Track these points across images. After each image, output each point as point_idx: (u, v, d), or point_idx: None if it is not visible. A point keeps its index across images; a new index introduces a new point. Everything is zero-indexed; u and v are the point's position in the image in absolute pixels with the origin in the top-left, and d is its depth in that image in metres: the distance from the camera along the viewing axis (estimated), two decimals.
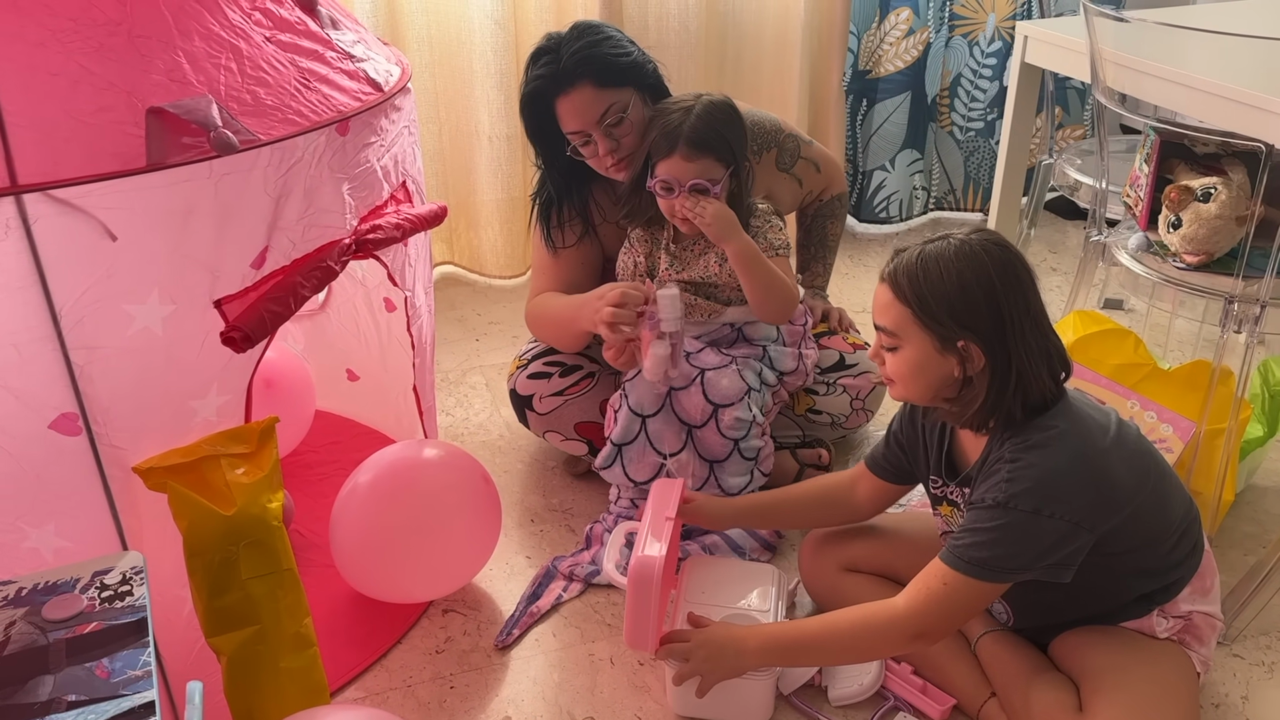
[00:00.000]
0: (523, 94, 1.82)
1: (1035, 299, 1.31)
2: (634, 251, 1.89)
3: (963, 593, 1.30)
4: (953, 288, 1.28)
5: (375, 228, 1.43)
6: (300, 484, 1.94)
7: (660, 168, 1.74)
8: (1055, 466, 1.27)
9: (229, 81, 1.25)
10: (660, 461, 1.81)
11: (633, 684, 1.57)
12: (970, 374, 1.31)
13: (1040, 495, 1.26)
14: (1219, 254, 1.73)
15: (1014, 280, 1.29)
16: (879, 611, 1.35)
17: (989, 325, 1.28)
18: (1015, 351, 1.28)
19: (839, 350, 2.02)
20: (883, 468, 1.58)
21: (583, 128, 1.78)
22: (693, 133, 1.71)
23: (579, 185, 1.92)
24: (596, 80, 1.74)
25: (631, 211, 1.86)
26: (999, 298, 1.27)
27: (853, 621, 1.36)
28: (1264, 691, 1.55)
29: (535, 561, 1.83)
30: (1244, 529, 1.88)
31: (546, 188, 1.94)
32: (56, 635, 0.99)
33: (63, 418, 1.17)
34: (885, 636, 1.35)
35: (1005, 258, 1.29)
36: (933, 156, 3.19)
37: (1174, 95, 1.77)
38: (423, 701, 1.54)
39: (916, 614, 1.31)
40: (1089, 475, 1.28)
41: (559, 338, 1.94)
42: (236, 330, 1.24)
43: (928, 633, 1.33)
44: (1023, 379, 1.29)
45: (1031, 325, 1.29)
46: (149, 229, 1.15)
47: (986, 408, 1.31)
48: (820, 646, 1.39)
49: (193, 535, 1.23)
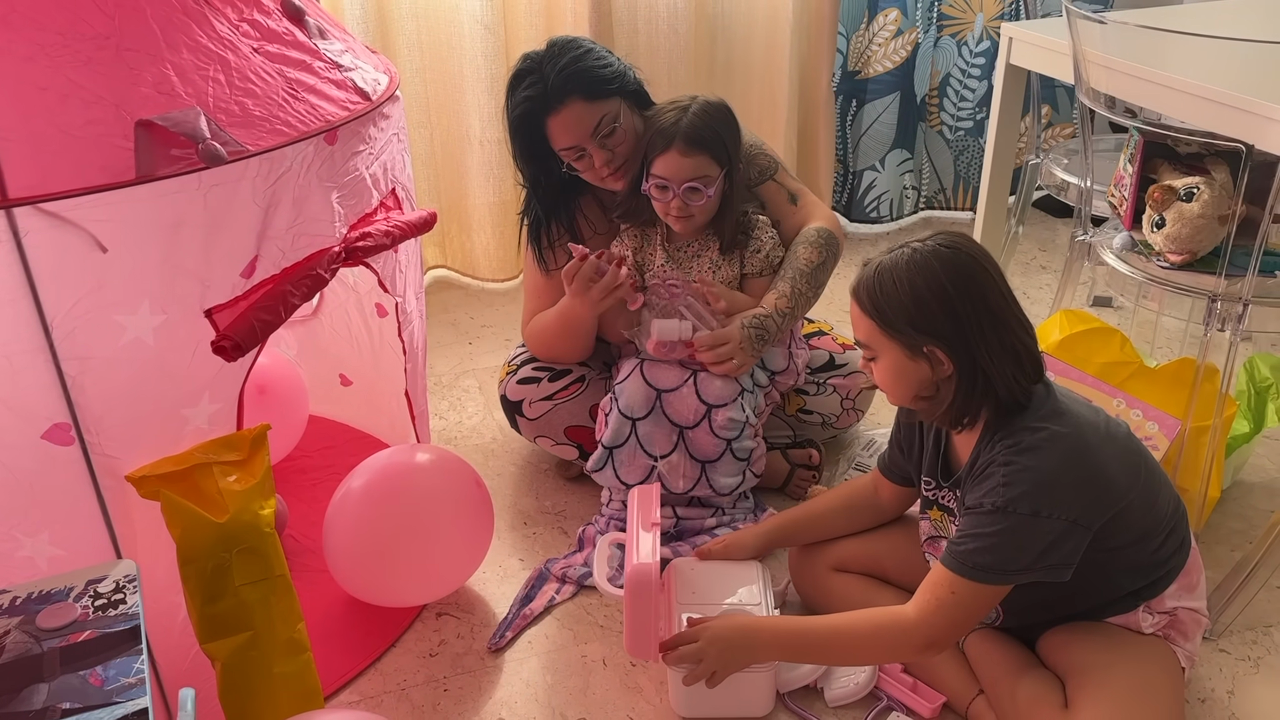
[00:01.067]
0: (512, 118, 1.83)
1: (995, 296, 1.32)
2: (623, 245, 1.91)
3: (970, 599, 1.32)
4: (906, 297, 1.31)
5: (365, 235, 1.45)
6: (293, 489, 1.95)
7: (657, 164, 1.76)
8: (1050, 468, 1.29)
9: (217, 93, 1.26)
10: (651, 464, 1.82)
11: (625, 685, 1.58)
12: (940, 377, 1.34)
13: (1038, 498, 1.28)
14: (1202, 253, 1.75)
15: (968, 281, 1.31)
16: (892, 620, 1.36)
17: (948, 329, 1.31)
18: (978, 351, 1.31)
19: (829, 350, 2.04)
20: (891, 471, 1.61)
21: (576, 143, 1.79)
22: (690, 130, 1.73)
23: (567, 202, 1.94)
24: (585, 94, 1.76)
25: (626, 213, 1.87)
26: (953, 302, 1.30)
27: (865, 627, 1.38)
28: (1249, 686, 1.57)
29: (528, 564, 1.84)
30: (1230, 525, 1.90)
31: (534, 207, 1.95)
32: (50, 644, 1.00)
33: (55, 428, 1.19)
34: (898, 645, 1.37)
35: (958, 260, 1.31)
36: (923, 156, 3.20)
37: (1156, 96, 1.78)
38: (417, 705, 1.55)
39: (927, 624, 1.33)
40: (1083, 473, 1.30)
41: (564, 346, 1.94)
42: (227, 339, 1.25)
43: (938, 641, 1.35)
44: (988, 377, 1.32)
45: (991, 323, 1.31)
46: (139, 240, 1.16)
47: (956, 406, 1.35)
48: (832, 646, 1.41)
49: (186, 543, 1.24)
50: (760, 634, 1.42)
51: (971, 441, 1.39)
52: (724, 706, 1.49)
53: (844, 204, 3.22)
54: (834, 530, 1.66)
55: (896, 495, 1.63)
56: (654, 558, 1.44)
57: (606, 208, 1.94)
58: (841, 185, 3.19)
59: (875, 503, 1.65)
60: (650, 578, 1.42)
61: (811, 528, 1.68)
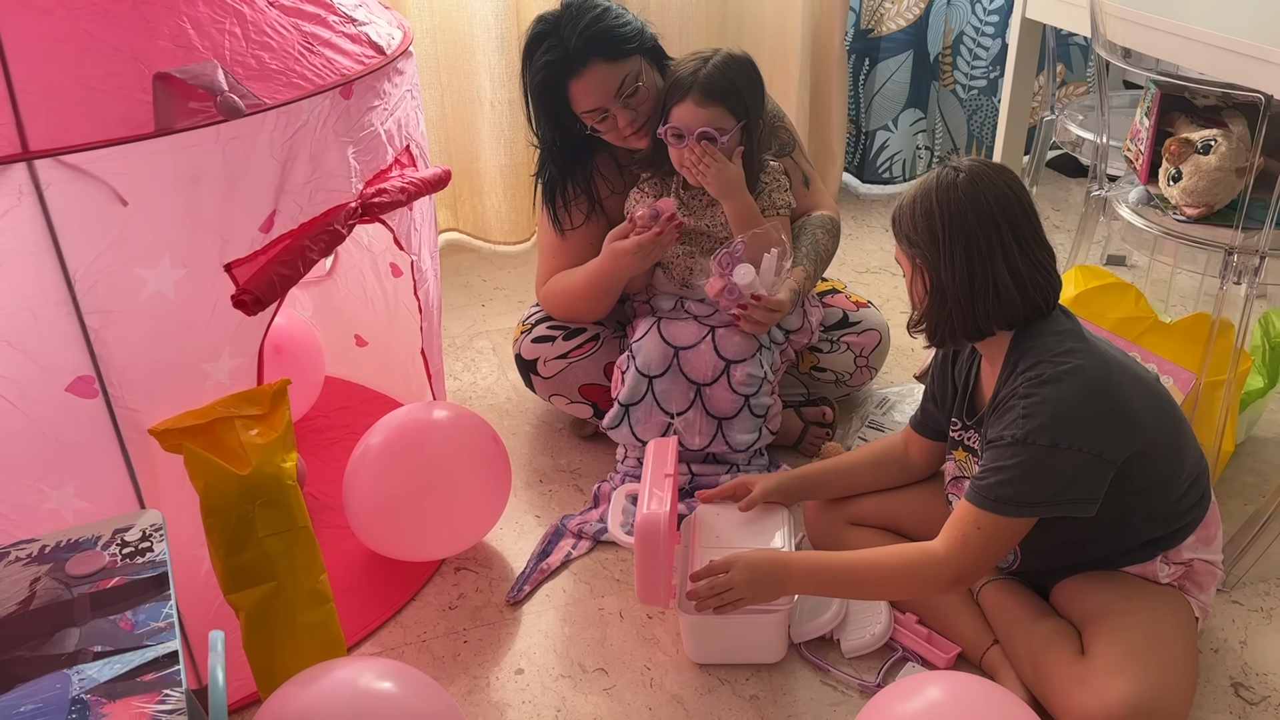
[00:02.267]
0: (532, 84, 1.83)
1: (1015, 218, 1.33)
2: (644, 194, 1.90)
3: (995, 533, 1.34)
4: (908, 206, 1.38)
5: (380, 191, 1.45)
6: (312, 448, 1.97)
7: (674, 113, 1.75)
8: (1070, 399, 1.30)
9: (234, 46, 1.26)
10: (668, 420, 1.83)
11: (642, 636, 1.60)
12: (927, 288, 1.38)
13: (1057, 429, 1.29)
14: (1219, 206, 1.74)
15: (987, 203, 1.32)
16: (921, 555, 1.39)
17: (927, 244, 1.35)
18: (944, 273, 1.35)
19: (843, 309, 2.04)
20: (923, 425, 1.62)
21: (600, 104, 1.79)
22: (707, 80, 1.73)
23: (583, 162, 1.93)
24: (607, 56, 1.75)
25: (646, 162, 1.87)
26: (934, 220, 1.34)
27: (895, 561, 1.40)
28: (1262, 636, 1.58)
29: (544, 521, 1.85)
30: (1244, 479, 1.90)
31: (549, 168, 1.94)
32: (80, 590, 1.02)
33: (79, 380, 1.20)
34: (929, 579, 1.39)
35: (957, 183, 1.34)
36: (935, 115, 3.18)
37: (1174, 47, 1.77)
38: (437, 656, 1.58)
39: (956, 559, 1.35)
40: (1104, 405, 1.31)
41: (590, 307, 1.94)
42: (247, 293, 1.26)
43: (967, 575, 1.38)
44: (949, 302, 1.36)
45: (1002, 244, 1.32)
46: (159, 194, 1.17)
47: (929, 323, 1.40)
48: (862, 581, 1.43)
49: (209, 495, 1.26)
50: (791, 567, 1.43)
51: (994, 377, 1.40)
52: (737, 653, 1.51)
53: (856, 164, 3.20)
54: (861, 486, 1.67)
55: (926, 452, 1.63)
56: (664, 507, 1.45)
57: (622, 166, 1.94)
58: (854, 145, 3.18)
59: (905, 459, 1.65)
60: (659, 526, 1.43)
61: (839, 481, 1.69)
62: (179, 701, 0.90)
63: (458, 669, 1.55)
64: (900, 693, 1.24)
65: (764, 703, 1.48)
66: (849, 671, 1.52)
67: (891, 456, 1.67)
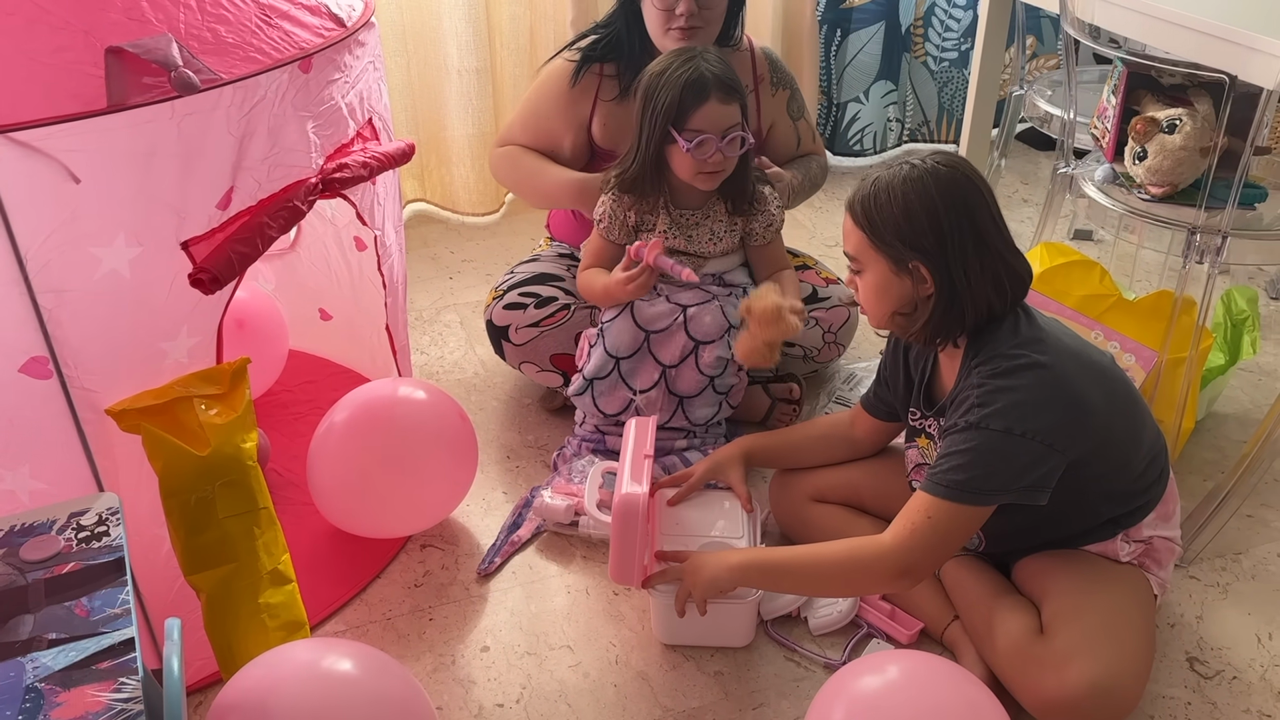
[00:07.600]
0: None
1: (985, 218, 1.34)
2: (623, 204, 1.82)
3: (946, 521, 1.32)
4: (899, 211, 1.33)
5: (342, 166, 1.43)
6: (276, 423, 1.95)
7: (694, 119, 1.68)
8: (1025, 389, 1.31)
9: (188, 19, 1.23)
10: (630, 397, 1.83)
11: (608, 613, 1.61)
12: (921, 295, 1.36)
13: (1009, 415, 1.30)
14: (1183, 185, 1.75)
15: (959, 201, 1.32)
16: (866, 547, 1.37)
17: (934, 246, 1.32)
18: (956, 272, 1.33)
19: (812, 284, 2.04)
20: (874, 405, 1.63)
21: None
22: (719, 78, 1.69)
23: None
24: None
25: (636, 191, 1.80)
26: (941, 219, 1.32)
27: (839, 555, 1.39)
28: (1217, 611, 1.60)
29: (512, 497, 1.85)
30: (1204, 455, 1.93)
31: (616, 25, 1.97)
32: (35, 575, 1.01)
33: (32, 361, 1.18)
34: (872, 572, 1.36)
35: (953, 179, 1.33)
36: (907, 87, 3.17)
37: (1140, 26, 1.77)
38: (402, 634, 1.58)
39: (902, 549, 1.33)
40: (1058, 399, 1.31)
41: (532, 196, 2.05)
42: (204, 272, 1.24)
43: (914, 568, 1.34)
44: (962, 298, 1.33)
45: (976, 245, 1.32)
46: (112, 171, 1.14)
47: (933, 324, 1.37)
48: (804, 574, 1.42)
49: (168, 476, 1.25)
50: (729, 558, 1.44)
51: (954, 370, 1.40)
52: (705, 636, 1.52)
53: (827, 136, 3.19)
54: (807, 459, 1.69)
55: (873, 430, 1.65)
56: (643, 489, 1.46)
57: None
58: (825, 117, 3.16)
59: (850, 436, 1.67)
60: (637, 508, 1.43)
61: (786, 454, 1.71)
62: (135, 690, 0.89)
63: (423, 646, 1.55)
64: (857, 671, 1.25)
65: (729, 679, 1.49)
66: (814, 649, 1.53)
67: (837, 432, 1.68)
